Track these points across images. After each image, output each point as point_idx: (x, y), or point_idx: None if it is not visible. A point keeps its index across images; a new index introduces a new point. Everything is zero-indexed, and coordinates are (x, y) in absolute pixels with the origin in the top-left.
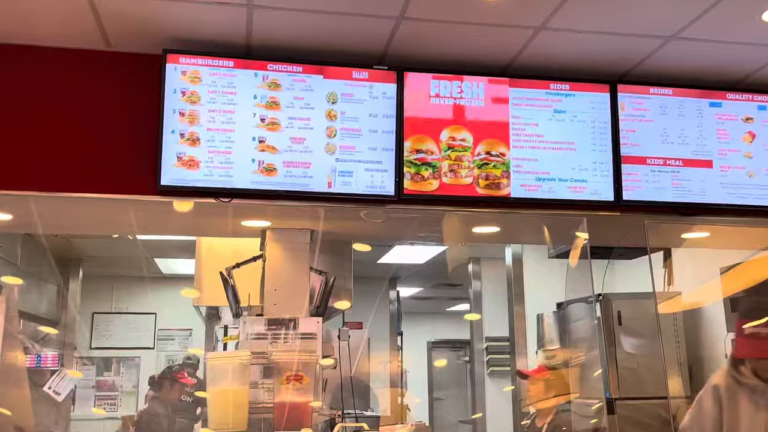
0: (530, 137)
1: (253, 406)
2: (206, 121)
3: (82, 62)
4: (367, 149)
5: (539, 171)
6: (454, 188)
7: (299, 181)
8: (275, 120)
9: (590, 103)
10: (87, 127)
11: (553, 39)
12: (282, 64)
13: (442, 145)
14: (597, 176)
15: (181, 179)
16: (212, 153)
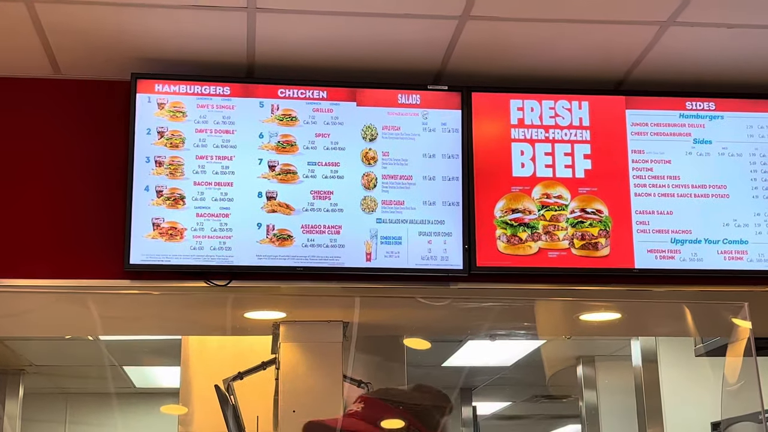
0: (659, 180)
1: None
2: (192, 172)
3: (21, 92)
4: (422, 204)
5: (676, 230)
6: (553, 257)
7: (325, 252)
8: (290, 167)
9: (747, 127)
10: (31, 188)
11: (687, 37)
12: (297, 89)
13: (535, 204)
14: (762, 234)
15: (158, 255)
16: (202, 217)
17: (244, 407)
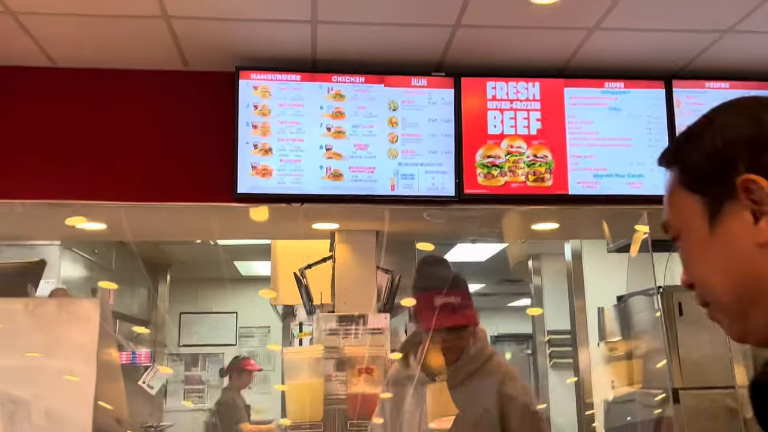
0: (586, 135)
1: (327, 398)
2: (277, 132)
3: (163, 82)
4: (428, 153)
5: (596, 168)
6: (515, 187)
7: (364, 185)
8: (340, 129)
9: (645, 99)
10: (170, 141)
11: (607, 38)
12: (345, 76)
13: (503, 152)
14: (654, 171)
15: (256, 187)
16: (283, 162)
17: (312, 286)
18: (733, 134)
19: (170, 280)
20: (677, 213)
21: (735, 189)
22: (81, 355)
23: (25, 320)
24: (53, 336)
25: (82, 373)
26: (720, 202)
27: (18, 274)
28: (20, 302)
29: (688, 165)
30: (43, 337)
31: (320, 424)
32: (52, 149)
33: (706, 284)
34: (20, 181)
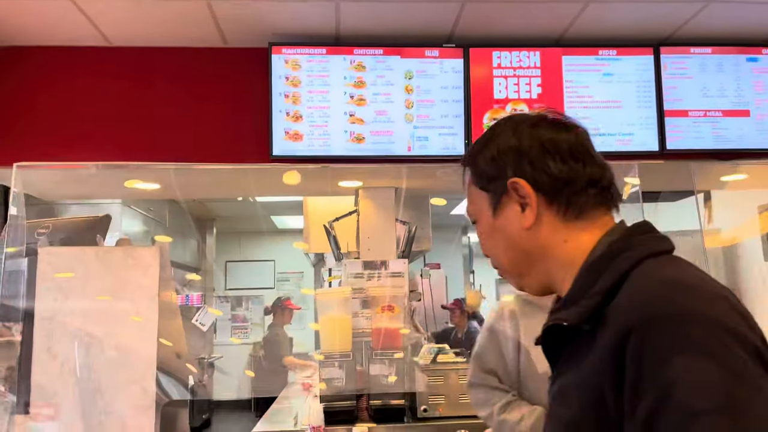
0: (582, 98)
1: (354, 332)
2: (306, 100)
3: (205, 58)
4: (440, 117)
5: (591, 128)
6: None
7: (384, 146)
8: (362, 96)
9: (635, 65)
10: (212, 111)
11: (601, 10)
12: (366, 49)
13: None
14: (643, 129)
15: (289, 150)
16: (312, 127)
17: (340, 237)
18: (502, 146)
19: (216, 232)
20: (473, 204)
21: (507, 188)
22: (144, 296)
23: (96, 266)
24: (120, 279)
25: (146, 311)
26: (499, 197)
27: (88, 227)
28: (91, 250)
29: (477, 170)
30: (112, 280)
31: (349, 353)
32: (109, 119)
33: (495, 256)
34: (84, 147)
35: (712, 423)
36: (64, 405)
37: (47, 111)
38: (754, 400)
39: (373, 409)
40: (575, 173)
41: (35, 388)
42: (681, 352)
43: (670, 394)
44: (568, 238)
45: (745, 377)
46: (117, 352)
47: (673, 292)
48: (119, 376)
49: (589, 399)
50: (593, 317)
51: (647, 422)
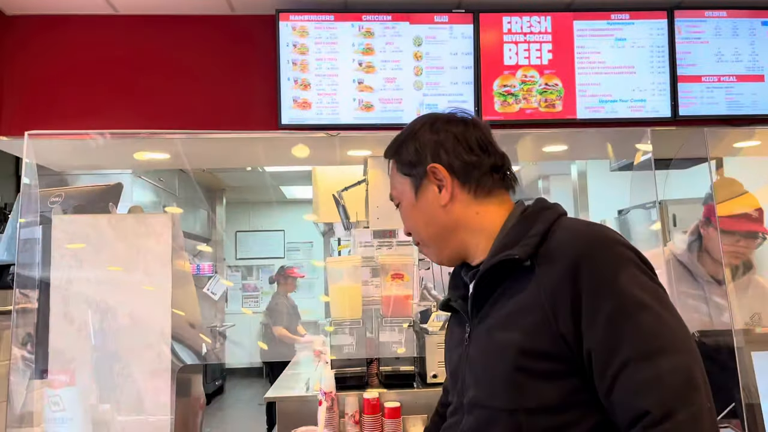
0: (593, 64)
1: (364, 300)
2: (314, 68)
3: (213, 26)
4: (449, 84)
5: (602, 94)
6: (528, 113)
7: (393, 114)
8: (371, 64)
9: (648, 29)
10: (220, 79)
11: None
12: (374, 15)
13: (518, 81)
14: (655, 95)
15: (297, 118)
16: (321, 95)
17: (349, 206)
18: (422, 139)
19: (226, 203)
20: (395, 189)
21: (426, 173)
22: (157, 263)
23: (109, 233)
24: (133, 246)
25: (160, 278)
26: (420, 181)
27: (100, 195)
28: (104, 218)
29: (401, 159)
30: (125, 248)
31: (359, 321)
32: (117, 88)
33: (416, 232)
34: (92, 117)
35: (656, 311)
36: (81, 369)
37: (54, 81)
38: (664, 292)
39: (383, 375)
40: (482, 160)
41: (53, 353)
42: (623, 267)
43: (624, 296)
44: (479, 211)
45: (655, 279)
46: (132, 318)
47: (598, 230)
48: (134, 341)
49: (538, 318)
50: (534, 254)
51: (610, 323)
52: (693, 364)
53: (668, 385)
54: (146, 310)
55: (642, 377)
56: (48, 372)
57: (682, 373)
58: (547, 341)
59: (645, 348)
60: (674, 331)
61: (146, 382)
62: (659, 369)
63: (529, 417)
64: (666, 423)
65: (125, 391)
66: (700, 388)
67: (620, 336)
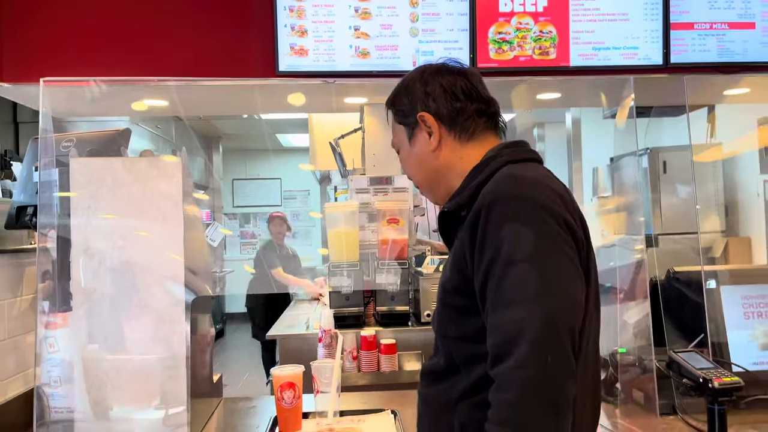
0: (588, 11)
1: (361, 243)
2: (311, 15)
3: None
4: (445, 30)
5: (596, 41)
6: (522, 60)
7: (389, 61)
8: (367, 10)
9: None
10: (218, 25)
11: None
12: None
13: (512, 28)
14: (648, 43)
15: (294, 65)
16: (318, 42)
17: (345, 154)
18: (413, 89)
19: (222, 151)
20: (396, 137)
21: (417, 121)
22: (170, 203)
23: (124, 175)
24: (147, 188)
25: (172, 217)
26: (413, 129)
27: (110, 139)
28: (118, 161)
29: (397, 109)
30: (139, 189)
31: (356, 263)
32: (114, 36)
33: (413, 175)
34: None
35: (521, 267)
36: (102, 300)
37: (53, 28)
38: (554, 253)
39: (380, 315)
40: (466, 106)
41: (75, 286)
42: (509, 222)
43: (499, 249)
44: (463, 156)
45: (550, 239)
46: (147, 254)
47: (510, 183)
48: (151, 275)
49: (456, 262)
50: (467, 205)
51: (486, 270)
52: (532, 320)
53: (503, 332)
54: (161, 245)
55: (491, 322)
56: (73, 302)
57: (515, 325)
58: (460, 281)
59: (498, 299)
60: (527, 288)
61: (164, 311)
62: (501, 318)
63: (455, 343)
64: (498, 365)
65: (144, 320)
66: (530, 342)
67: (489, 285)
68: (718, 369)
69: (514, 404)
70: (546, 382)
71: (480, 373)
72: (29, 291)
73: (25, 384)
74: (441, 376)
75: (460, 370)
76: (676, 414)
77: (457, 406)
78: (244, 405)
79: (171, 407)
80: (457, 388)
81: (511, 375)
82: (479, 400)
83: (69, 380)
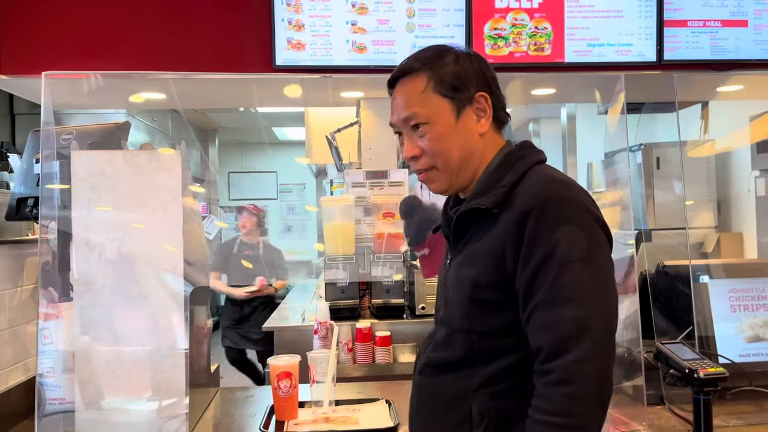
0: (583, 8)
1: (357, 237)
2: (308, 9)
3: None
4: (442, 26)
5: (590, 38)
6: (518, 56)
7: (386, 56)
8: (364, 5)
9: None
10: (215, 20)
11: None
12: None
13: (508, 24)
14: (642, 40)
15: (291, 59)
16: (315, 36)
17: (341, 147)
18: (466, 66)
19: (218, 144)
20: (427, 107)
21: (472, 99)
22: (169, 196)
23: (124, 168)
24: (147, 181)
25: (172, 209)
26: (463, 106)
27: (110, 132)
28: (119, 154)
29: (442, 79)
30: (140, 182)
31: (352, 257)
32: (112, 30)
33: (445, 154)
34: (86, 57)
35: (577, 268)
36: (102, 291)
37: (52, 22)
38: (602, 255)
39: (375, 307)
40: (502, 98)
41: (77, 276)
42: (563, 224)
43: (555, 249)
44: (495, 145)
45: (597, 239)
46: (147, 246)
47: (557, 186)
48: (150, 267)
49: (492, 257)
50: (500, 203)
51: (536, 269)
52: (592, 318)
53: (562, 329)
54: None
55: (544, 318)
56: (74, 292)
57: (577, 322)
58: (495, 277)
59: (553, 296)
60: (585, 287)
61: (164, 302)
62: (559, 315)
63: (479, 337)
64: (557, 359)
65: (145, 309)
66: (592, 338)
67: (540, 282)
68: (703, 360)
69: (578, 397)
70: (603, 378)
71: (501, 365)
72: (30, 281)
73: (25, 373)
74: (453, 367)
75: (477, 362)
76: (664, 404)
77: (476, 395)
78: (242, 394)
79: (170, 397)
80: (474, 379)
81: (575, 369)
82: (497, 390)
83: (65, 371)
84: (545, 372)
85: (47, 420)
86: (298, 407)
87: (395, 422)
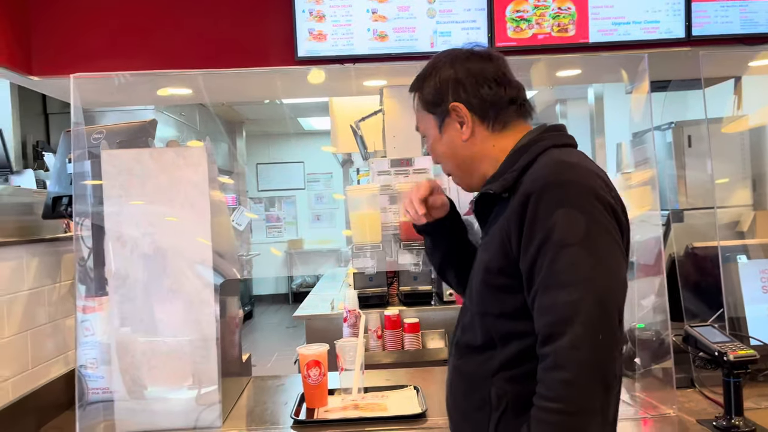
0: None
1: (383, 225)
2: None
3: None
4: (463, 11)
5: (615, 16)
6: (541, 38)
7: (407, 44)
8: None
9: None
10: (238, 14)
11: None
12: None
13: (530, 6)
14: (669, 16)
15: (313, 50)
16: (336, 27)
17: (366, 136)
18: (443, 77)
19: (246, 136)
20: (422, 124)
21: (448, 110)
22: (196, 191)
23: (151, 165)
24: (174, 177)
25: (199, 204)
26: (443, 118)
27: (138, 130)
28: (146, 152)
29: (424, 96)
30: (167, 178)
31: (379, 245)
32: (137, 30)
33: (444, 163)
34: (114, 57)
35: (574, 250)
36: (135, 285)
37: (82, 23)
38: (604, 237)
39: (403, 294)
40: (499, 95)
41: (110, 272)
42: (561, 206)
43: (552, 232)
44: (496, 143)
45: (599, 223)
46: (177, 240)
47: (561, 168)
48: (181, 260)
49: (500, 242)
50: (511, 188)
51: (536, 252)
52: (589, 302)
53: (556, 313)
54: (189, 231)
55: (542, 302)
56: (109, 287)
57: (570, 306)
58: (504, 261)
59: (549, 280)
60: (581, 271)
61: (194, 294)
62: (553, 299)
63: (494, 320)
64: (551, 344)
65: (176, 303)
66: (584, 322)
67: (539, 267)
68: (734, 342)
69: (570, 382)
70: (599, 361)
71: (516, 349)
72: (67, 277)
73: (66, 365)
74: (477, 350)
75: (496, 346)
76: (694, 387)
77: (494, 379)
78: (273, 383)
79: (203, 386)
80: (493, 362)
81: (567, 354)
82: (514, 374)
83: (105, 362)
84: (542, 356)
85: (88, 409)
86: (328, 395)
87: (423, 408)
